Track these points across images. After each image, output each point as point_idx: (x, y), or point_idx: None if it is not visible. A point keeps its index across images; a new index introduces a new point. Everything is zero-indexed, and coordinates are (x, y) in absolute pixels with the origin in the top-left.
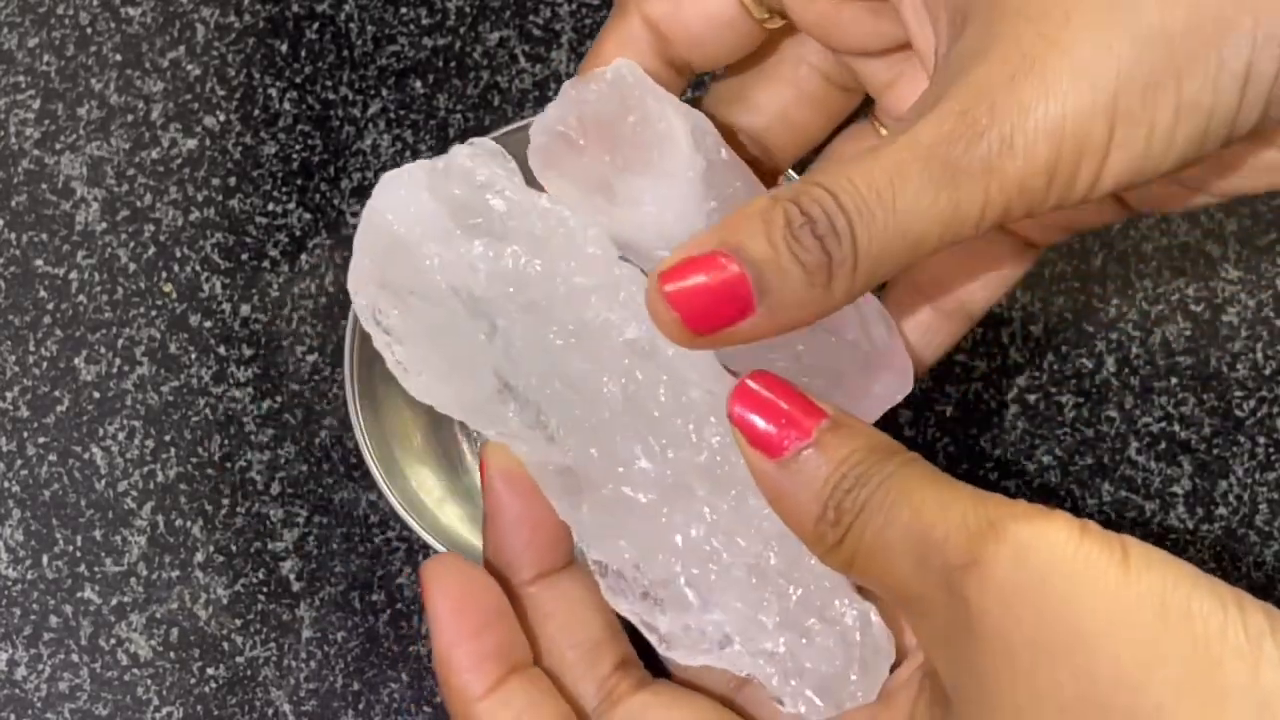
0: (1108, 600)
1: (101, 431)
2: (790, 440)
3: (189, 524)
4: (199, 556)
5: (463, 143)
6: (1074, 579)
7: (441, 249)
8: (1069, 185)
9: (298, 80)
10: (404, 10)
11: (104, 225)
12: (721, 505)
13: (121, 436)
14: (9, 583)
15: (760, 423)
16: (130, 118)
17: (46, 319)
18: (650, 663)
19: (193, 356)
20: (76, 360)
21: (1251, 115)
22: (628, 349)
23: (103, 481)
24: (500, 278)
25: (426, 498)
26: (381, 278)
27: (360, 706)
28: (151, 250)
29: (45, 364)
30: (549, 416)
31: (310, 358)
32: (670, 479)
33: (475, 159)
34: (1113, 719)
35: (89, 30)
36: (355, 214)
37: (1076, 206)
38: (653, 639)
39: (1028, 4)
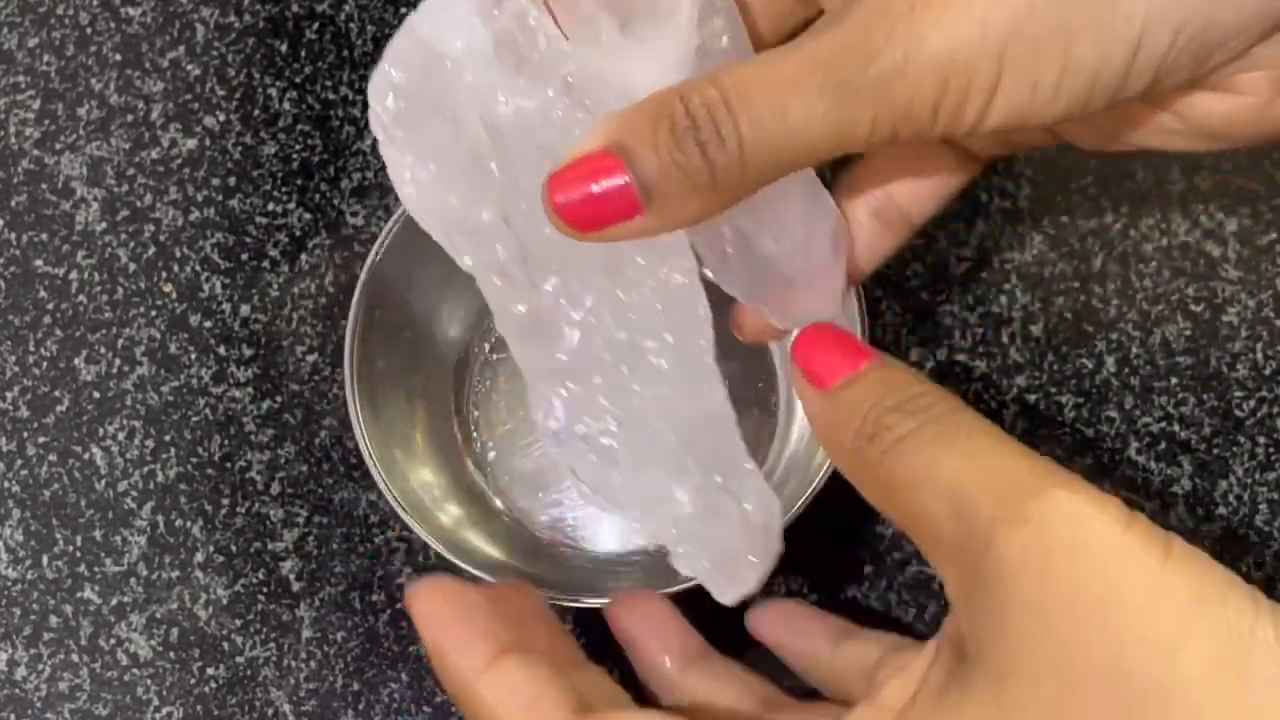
0: (1146, 578)
1: (101, 431)
2: (838, 374)
3: (189, 524)
4: (199, 556)
5: None
6: (1116, 554)
7: (480, 75)
8: (954, 119)
9: (298, 80)
10: (404, 10)
11: (104, 225)
12: (665, 386)
13: (121, 436)
14: (9, 583)
15: (814, 361)
16: (130, 118)
17: (46, 319)
18: None
19: (193, 356)
20: (76, 360)
21: (1139, 83)
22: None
23: (103, 481)
24: (527, 115)
25: (426, 497)
26: (407, 90)
27: (360, 706)
28: (151, 250)
29: (45, 364)
30: (533, 260)
31: (310, 358)
32: (627, 344)
33: None
34: (1140, 686)
35: (89, 30)
36: (355, 214)
37: (964, 138)
38: (581, 488)
39: None
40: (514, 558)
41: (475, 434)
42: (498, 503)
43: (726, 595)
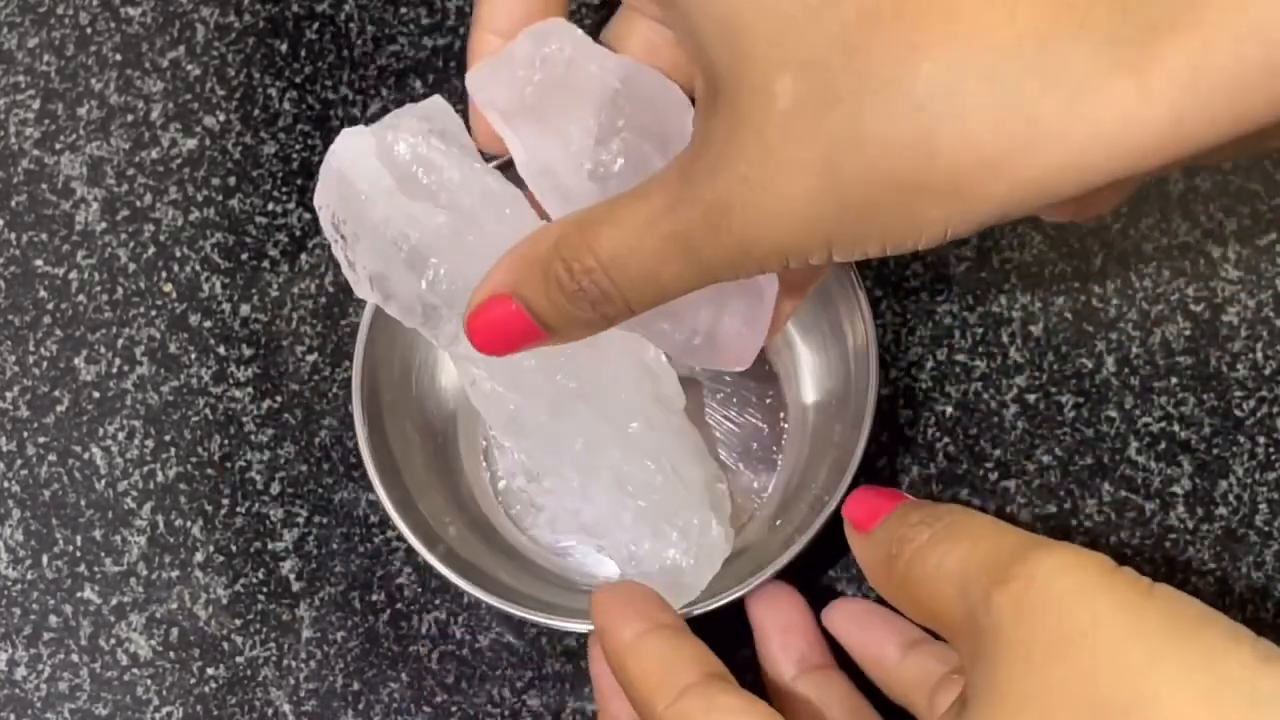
0: (1125, 613)
1: (101, 431)
2: (876, 517)
3: (189, 524)
4: (199, 556)
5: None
6: (1097, 595)
7: (385, 206)
8: (801, 265)
9: (298, 80)
10: (404, 10)
11: (104, 225)
12: (607, 429)
13: (121, 436)
14: (9, 582)
15: (858, 512)
16: (130, 118)
17: (46, 319)
18: None
19: (192, 356)
20: (76, 360)
21: (955, 238)
22: None
23: (102, 481)
24: (434, 232)
25: (430, 516)
26: (336, 210)
27: (360, 706)
28: (151, 250)
29: (45, 364)
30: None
31: (310, 357)
32: (573, 396)
33: (425, 119)
34: (1111, 705)
35: (89, 30)
36: None
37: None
38: (533, 525)
39: (755, 119)
40: (518, 581)
41: (485, 460)
42: (502, 520)
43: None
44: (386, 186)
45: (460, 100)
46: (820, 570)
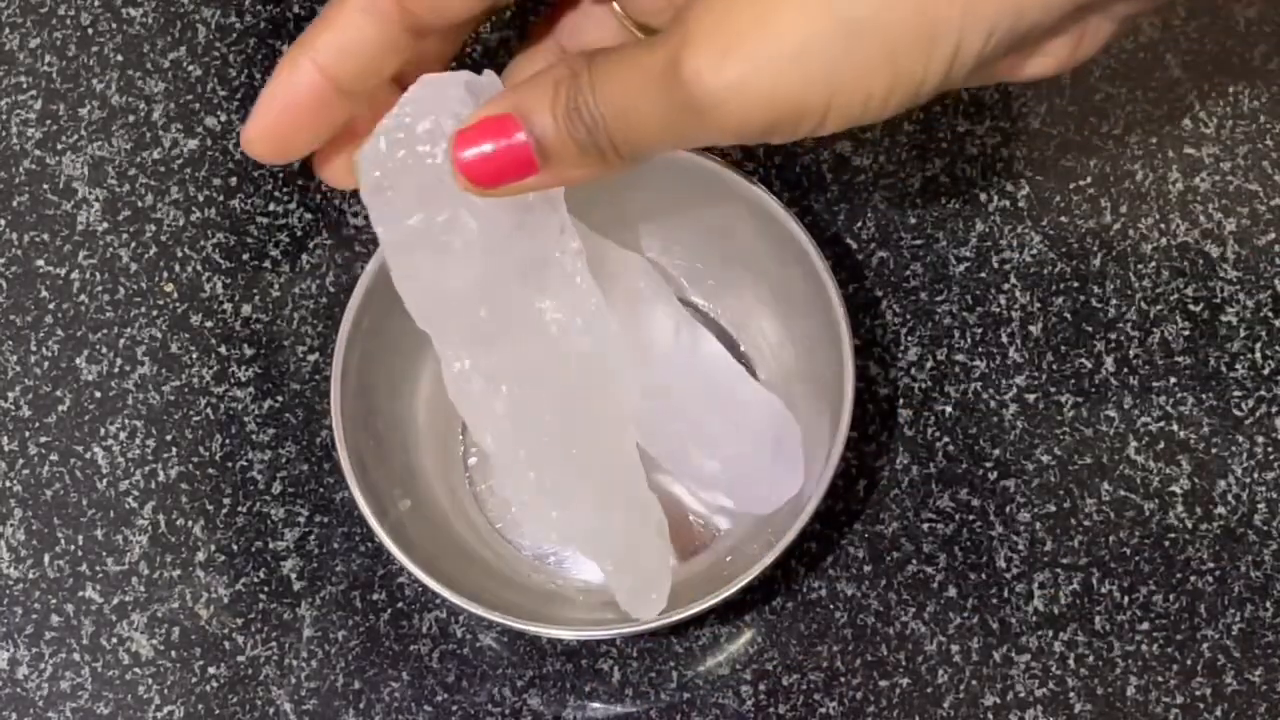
0: None
1: (103, 431)
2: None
3: (190, 523)
4: (200, 556)
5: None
6: None
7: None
8: (791, 133)
9: None
10: None
11: (105, 225)
12: (577, 427)
13: (123, 436)
14: (11, 582)
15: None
16: (131, 118)
17: (48, 319)
18: None
19: (194, 356)
20: (78, 360)
21: (958, 76)
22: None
23: (104, 481)
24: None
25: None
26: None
27: (361, 705)
28: (153, 250)
29: (47, 364)
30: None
31: (311, 357)
32: (561, 403)
33: (473, 94)
34: None
35: (90, 31)
36: (356, 214)
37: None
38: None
39: None
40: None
41: (471, 456)
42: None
43: (639, 613)
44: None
45: None
46: (818, 571)
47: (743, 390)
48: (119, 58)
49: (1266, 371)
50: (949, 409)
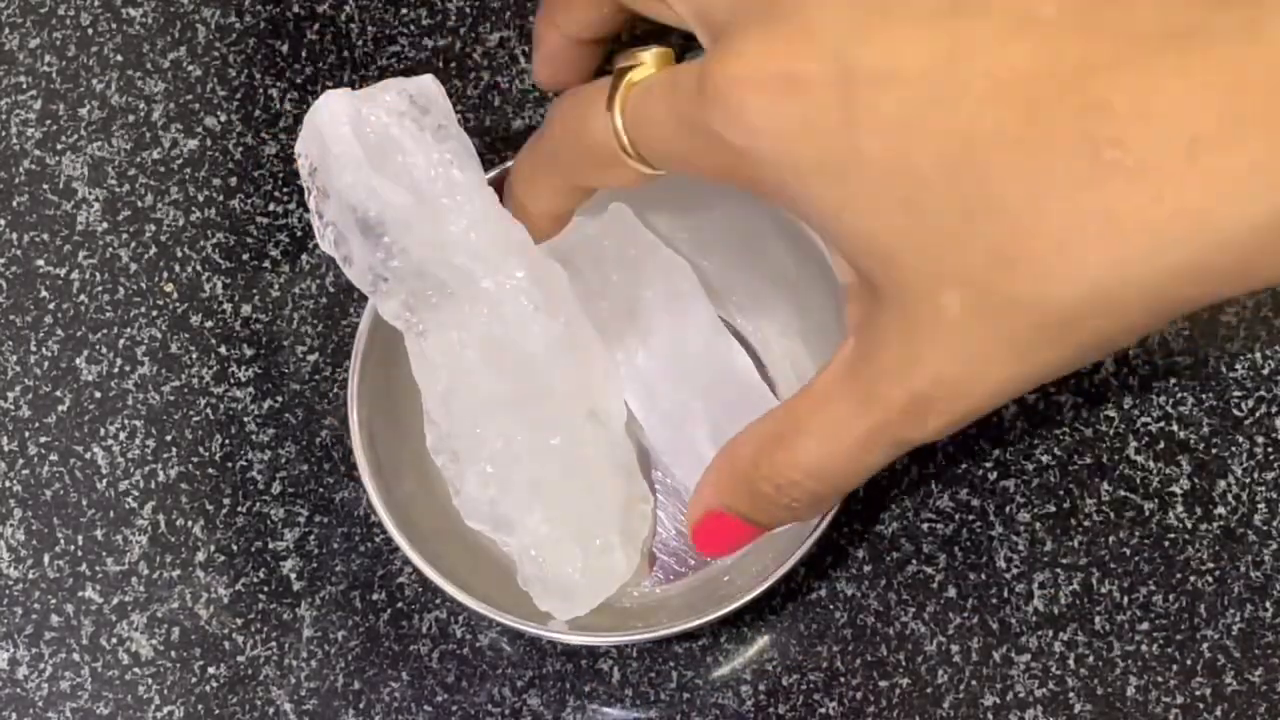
0: None
1: (103, 431)
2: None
3: (190, 523)
4: (200, 556)
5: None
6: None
7: (352, 174)
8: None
9: (298, 81)
10: (404, 11)
11: (105, 225)
12: (528, 437)
13: (123, 436)
14: (10, 582)
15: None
16: (131, 118)
17: (48, 319)
18: None
19: (194, 356)
20: (78, 360)
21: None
22: (484, 294)
23: (104, 481)
24: (394, 210)
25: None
26: (313, 163)
27: (361, 705)
28: (153, 250)
29: (46, 364)
30: (421, 312)
31: (311, 357)
32: (502, 400)
33: (409, 98)
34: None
35: (90, 31)
36: None
37: None
38: (455, 499)
39: (919, 308)
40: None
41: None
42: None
43: (558, 613)
44: (355, 156)
45: (460, 100)
46: (817, 571)
47: (766, 408)
48: (119, 58)
49: (1266, 371)
50: None
